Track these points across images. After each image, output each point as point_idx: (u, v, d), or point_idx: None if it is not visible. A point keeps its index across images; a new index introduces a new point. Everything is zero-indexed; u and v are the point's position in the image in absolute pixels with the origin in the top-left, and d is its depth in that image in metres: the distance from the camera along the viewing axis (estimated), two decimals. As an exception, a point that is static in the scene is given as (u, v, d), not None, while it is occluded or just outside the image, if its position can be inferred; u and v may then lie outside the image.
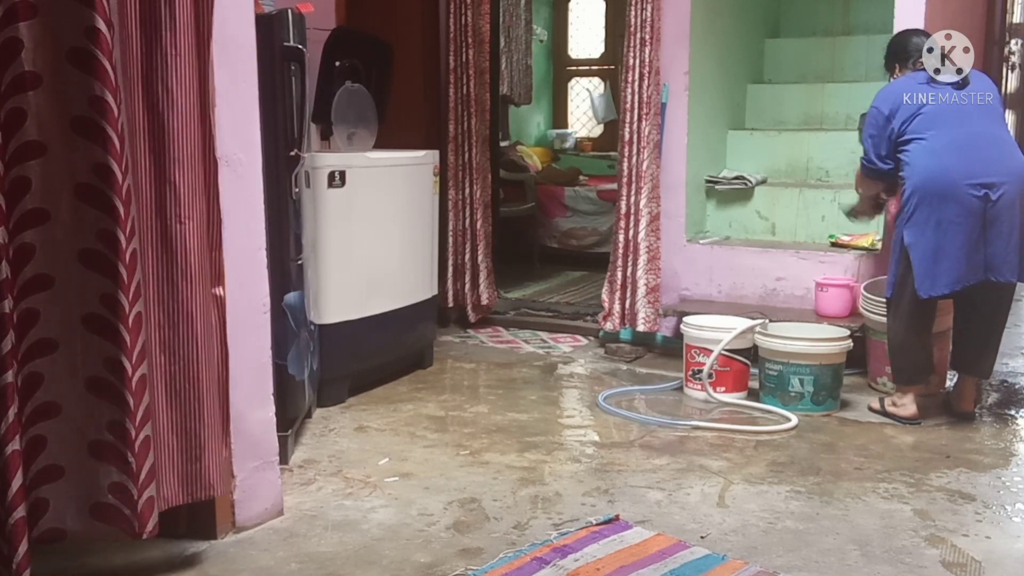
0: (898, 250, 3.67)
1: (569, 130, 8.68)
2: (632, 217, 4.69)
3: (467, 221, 5.19)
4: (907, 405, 3.74)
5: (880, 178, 3.84)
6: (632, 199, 4.68)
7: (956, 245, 3.51)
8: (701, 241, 4.88)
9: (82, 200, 2.16)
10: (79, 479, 2.27)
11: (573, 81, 8.78)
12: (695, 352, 4.06)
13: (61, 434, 2.25)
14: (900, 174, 3.68)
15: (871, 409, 3.86)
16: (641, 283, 4.67)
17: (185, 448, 2.43)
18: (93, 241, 2.18)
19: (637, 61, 4.61)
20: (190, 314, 2.39)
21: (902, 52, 3.87)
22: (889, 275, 3.78)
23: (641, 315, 4.69)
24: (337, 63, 4.06)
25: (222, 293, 2.49)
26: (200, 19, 2.35)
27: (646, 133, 4.62)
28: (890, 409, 3.78)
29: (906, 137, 3.64)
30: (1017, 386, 4.30)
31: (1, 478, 2.10)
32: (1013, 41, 6.46)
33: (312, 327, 3.74)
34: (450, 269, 5.21)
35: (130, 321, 2.23)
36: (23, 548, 2.13)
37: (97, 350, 2.22)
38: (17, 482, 2.12)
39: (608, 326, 4.80)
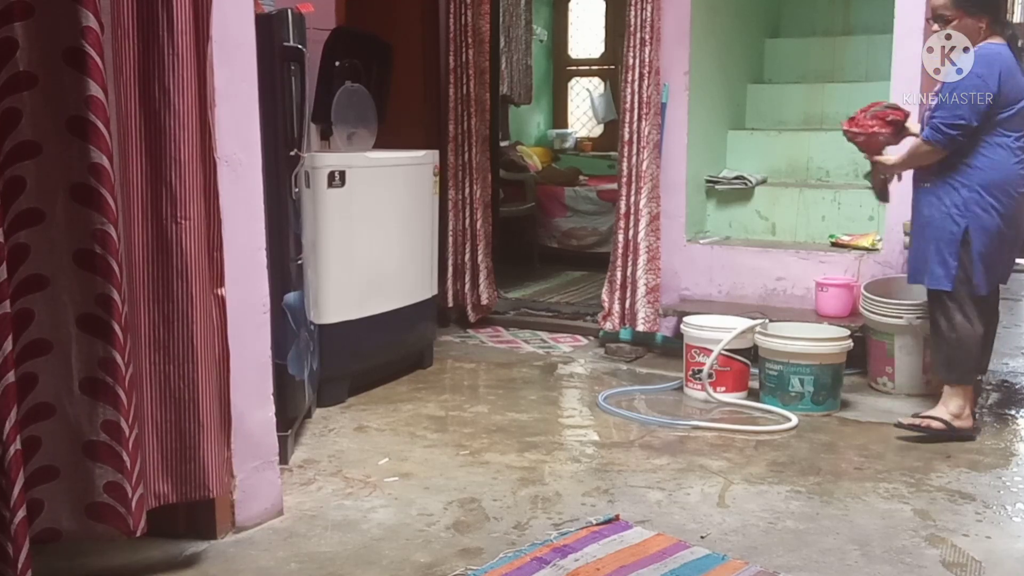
0: (957, 241, 3.47)
1: (569, 130, 8.67)
2: (632, 217, 4.69)
3: (467, 221, 5.19)
4: (967, 414, 3.55)
5: (952, 149, 3.48)
6: (632, 199, 4.68)
7: (1009, 241, 3.51)
8: (701, 241, 4.88)
9: (77, 200, 2.16)
10: (74, 479, 2.27)
11: (573, 81, 8.78)
12: (695, 352, 4.06)
13: (56, 435, 2.24)
14: (968, 161, 3.46)
15: (915, 427, 3.55)
16: (641, 283, 4.67)
17: (178, 448, 2.42)
18: (88, 241, 2.17)
19: (637, 61, 4.60)
20: (186, 314, 2.38)
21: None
22: (940, 266, 3.52)
23: (641, 315, 4.69)
24: (337, 63, 4.06)
25: (223, 293, 2.49)
26: (199, 19, 2.34)
27: (646, 133, 4.62)
28: (958, 424, 3.51)
29: (999, 120, 3.42)
30: (1017, 386, 4.30)
31: (4, 478, 2.09)
32: (1013, 41, 6.45)
33: (312, 327, 3.74)
34: (450, 269, 5.20)
35: (124, 320, 2.22)
36: (26, 548, 2.13)
37: (91, 350, 2.22)
38: (19, 482, 2.12)
39: (608, 326, 4.80)
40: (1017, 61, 3.47)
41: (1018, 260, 7.47)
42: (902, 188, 4.46)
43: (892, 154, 3.72)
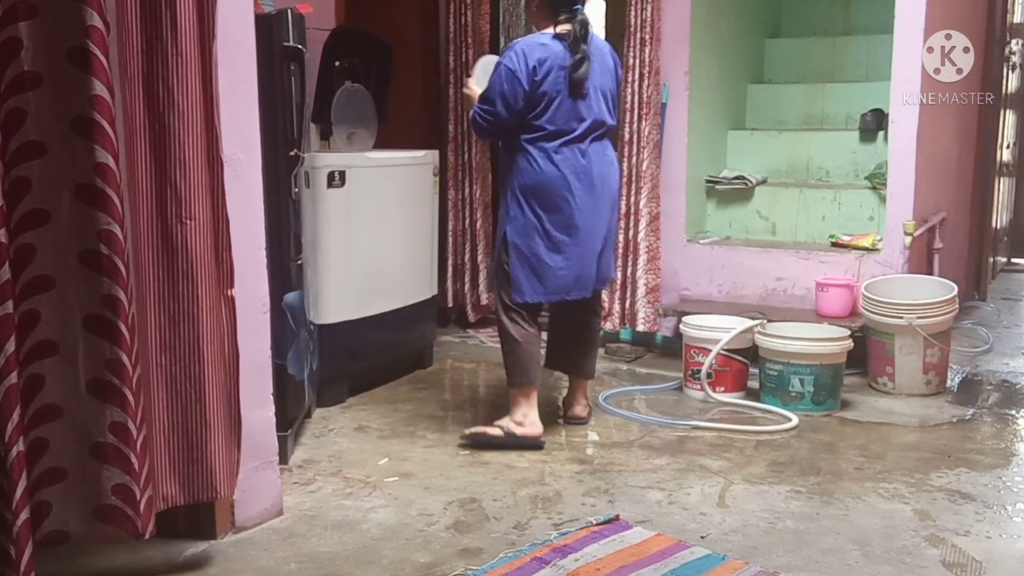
0: (500, 246, 3.50)
1: (569, 130, 8.65)
2: (632, 217, 4.69)
3: (467, 221, 5.19)
4: (533, 420, 3.47)
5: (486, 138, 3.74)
6: (632, 199, 4.68)
7: (561, 246, 3.44)
8: (701, 241, 4.88)
9: (82, 200, 2.16)
10: (82, 481, 2.27)
11: (573, 81, 8.76)
12: (694, 352, 4.06)
13: (63, 436, 2.24)
14: (511, 164, 3.43)
15: (475, 436, 3.47)
16: (641, 283, 4.68)
17: (185, 449, 2.42)
18: (94, 241, 2.17)
19: (637, 61, 4.61)
20: (192, 315, 2.38)
21: None
22: (493, 271, 3.57)
23: (641, 315, 4.70)
24: (337, 63, 4.06)
25: (233, 295, 2.48)
26: (203, 19, 2.34)
27: (646, 133, 4.62)
28: (520, 431, 3.43)
29: (532, 119, 3.34)
30: (1017, 386, 4.30)
31: (7, 480, 2.09)
32: (1013, 41, 6.45)
33: (312, 327, 3.74)
34: (450, 269, 5.21)
35: (130, 321, 2.22)
36: (29, 551, 2.13)
37: (98, 351, 2.21)
38: (22, 484, 2.11)
39: (608, 326, 4.79)
40: (571, 55, 3.33)
41: (1016, 260, 7.48)
42: (903, 188, 4.48)
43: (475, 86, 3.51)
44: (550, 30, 3.39)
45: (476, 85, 3.48)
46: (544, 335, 3.67)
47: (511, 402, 3.47)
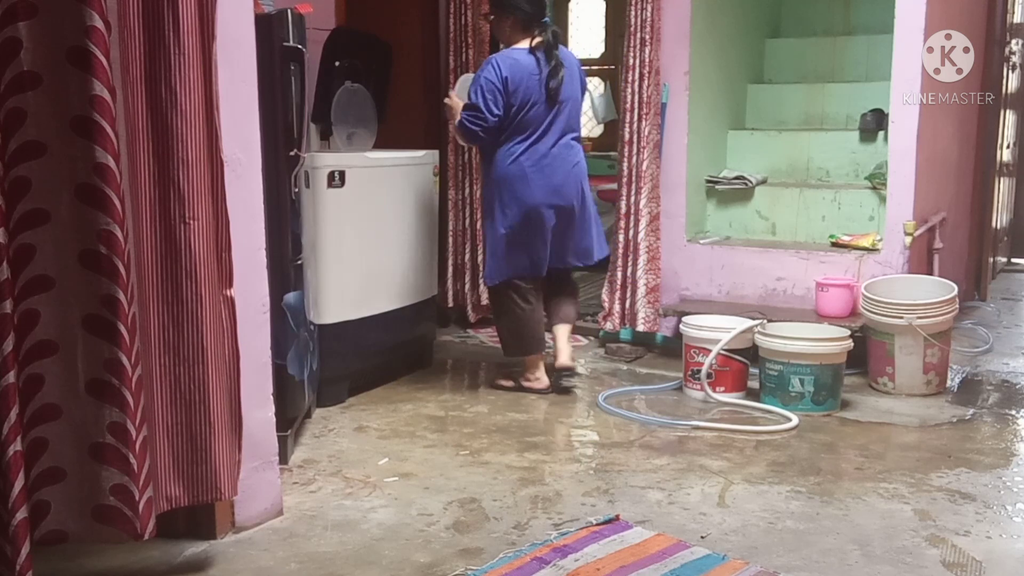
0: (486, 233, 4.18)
1: (569, 130, 8.64)
2: (632, 217, 4.69)
3: (467, 221, 5.19)
4: (537, 376, 4.14)
5: (475, 143, 4.09)
6: (632, 199, 4.68)
7: (521, 237, 4.00)
8: (701, 241, 4.88)
9: (82, 200, 2.16)
10: (81, 481, 2.26)
11: (573, 81, 8.76)
12: (694, 352, 4.06)
13: (62, 436, 2.24)
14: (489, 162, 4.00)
15: (499, 386, 4.20)
16: (641, 283, 4.68)
17: (189, 450, 2.42)
18: (93, 241, 2.17)
19: (637, 61, 4.61)
20: (195, 315, 2.37)
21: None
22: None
23: (641, 315, 4.69)
24: (337, 63, 4.06)
25: (232, 295, 2.48)
26: (204, 19, 2.34)
27: (646, 133, 4.62)
28: (527, 385, 4.14)
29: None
30: (1017, 386, 4.30)
31: (3, 480, 2.09)
32: (1013, 41, 6.45)
33: (312, 327, 3.74)
34: (450, 269, 5.21)
35: (130, 322, 2.22)
36: (26, 550, 2.13)
37: (97, 352, 2.21)
38: (19, 484, 2.11)
39: (608, 326, 4.80)
40: (540, 68, 3.86)
41: (1016, 260, 7.49)
42: (903, 188, 4.48)
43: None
44: (524, 44, 3.89)
45: (458, 99, 4.00)
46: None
47: (524, 363, 4.15)
